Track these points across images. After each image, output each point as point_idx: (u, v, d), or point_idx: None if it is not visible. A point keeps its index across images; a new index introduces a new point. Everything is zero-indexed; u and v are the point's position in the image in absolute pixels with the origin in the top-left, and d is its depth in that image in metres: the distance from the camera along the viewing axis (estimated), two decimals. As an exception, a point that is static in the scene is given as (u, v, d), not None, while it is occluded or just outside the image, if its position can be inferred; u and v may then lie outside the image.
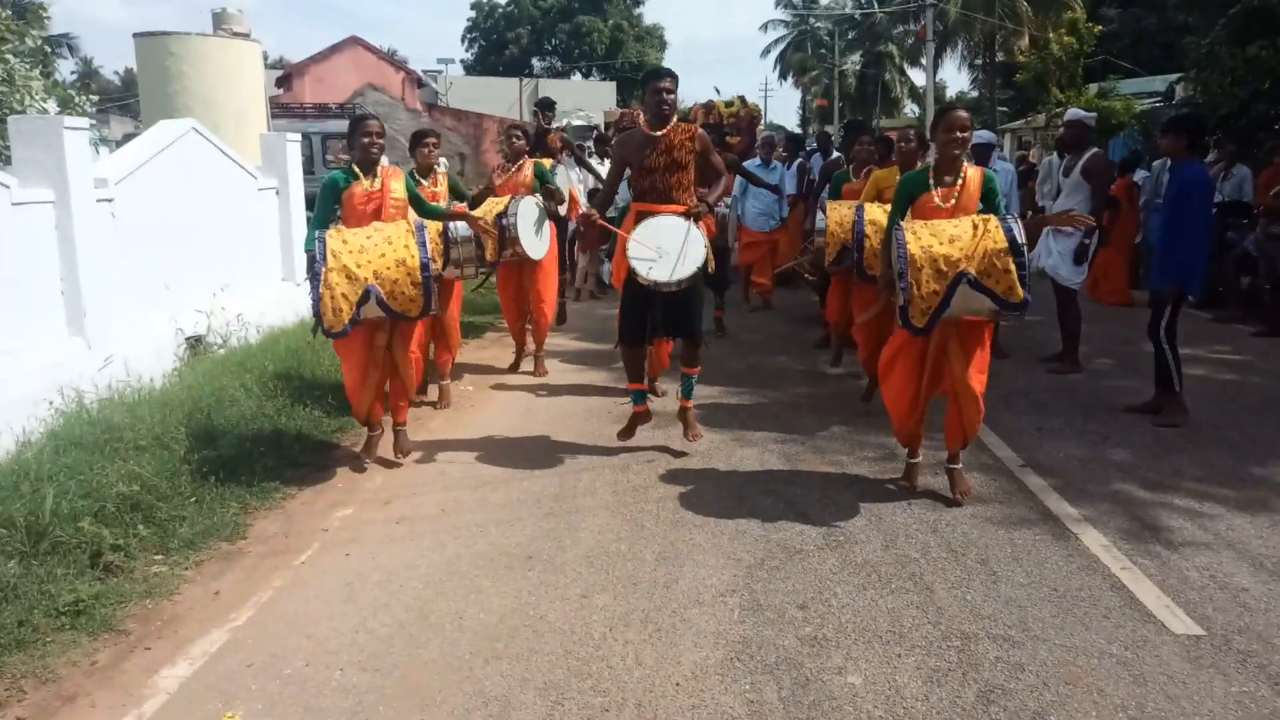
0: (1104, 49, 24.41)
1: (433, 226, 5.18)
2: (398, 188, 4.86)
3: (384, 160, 4.96)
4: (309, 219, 4.95)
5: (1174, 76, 17.95)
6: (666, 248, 4.52)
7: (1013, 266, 3.94)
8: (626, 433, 5.21)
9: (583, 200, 9.45)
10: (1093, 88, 21.20)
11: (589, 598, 3.51)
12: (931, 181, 4.31)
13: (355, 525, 4.24)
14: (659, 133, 4.74)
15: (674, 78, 4.84)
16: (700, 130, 4.91)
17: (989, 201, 4.31)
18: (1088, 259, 6.78)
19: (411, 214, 4.92)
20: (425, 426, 5.66)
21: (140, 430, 4.72)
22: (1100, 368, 7.13)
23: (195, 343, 6.78)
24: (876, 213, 5.47)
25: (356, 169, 4.77)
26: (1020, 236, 3.99)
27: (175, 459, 4.48)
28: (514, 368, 7.12)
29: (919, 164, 5.46)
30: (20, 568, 3.39)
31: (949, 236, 4.04)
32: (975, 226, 4.06)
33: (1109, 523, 4.19)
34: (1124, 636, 3.21)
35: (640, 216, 4.77)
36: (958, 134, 4.21)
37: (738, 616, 3.36)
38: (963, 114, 4.28)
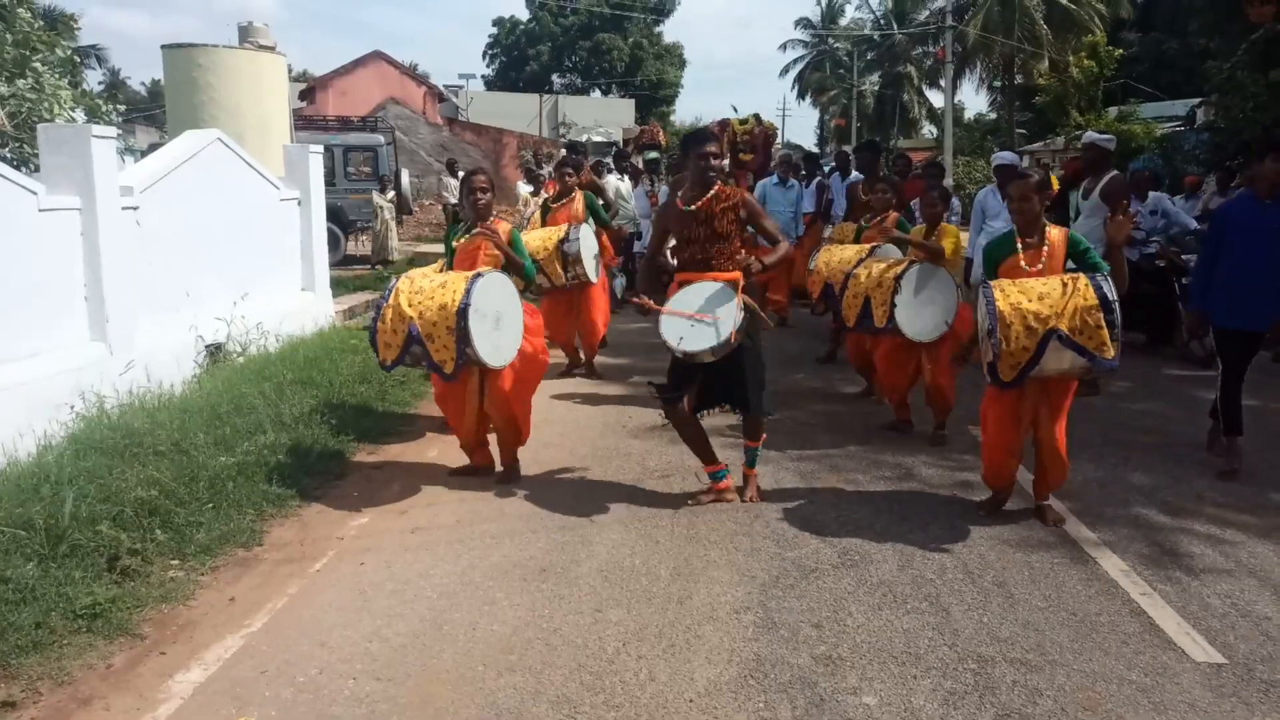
0: (1124, 72, 24.39)
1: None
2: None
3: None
4: (330, 230, 5.04)
5: (1195, 101, 17.90)
6: (701, 316, 4.30)
7: (1104, 323, 3.93)
8: (697, 498, 4.67)
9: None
10: (1112, 111, 21.17)
11: (602, 612, 3.50)
12: (1019, 246, 4.29)
13: (370, 534, 4.25)
14: (695, 205, 4.43)
15: (719, 140, 4.57)
16: (746, 196, 4.57)
17: (1082, 260, 4.25)
18: (1108, 282, 6.74)
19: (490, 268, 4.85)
20: (441, 437, 5.67)
21: (160, 436, 4.76)
22: (1118, 391, 7.08)
23: (215, 350, 6.83)
24: (859, 267, 5.66)
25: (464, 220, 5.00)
26: (1111, 294, 3.98)
27: (194, 465, 4.50)
28: (568, 371, 7.54)
29: (942, 220, 5.64)
30: (39, 570, 3.42)
31: (1038, 294, 4.04)
32: (1065, 285, 4.05)
33: (1128, 547, 4.15)
34: (1144, 663, 3.17)
35: (682, 286, 4.48)
36: (1016, 204, 4.25)
37: (752, 634, 3.34)
38: (1023, 182, 4.26)
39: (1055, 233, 4.30)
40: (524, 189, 13.99)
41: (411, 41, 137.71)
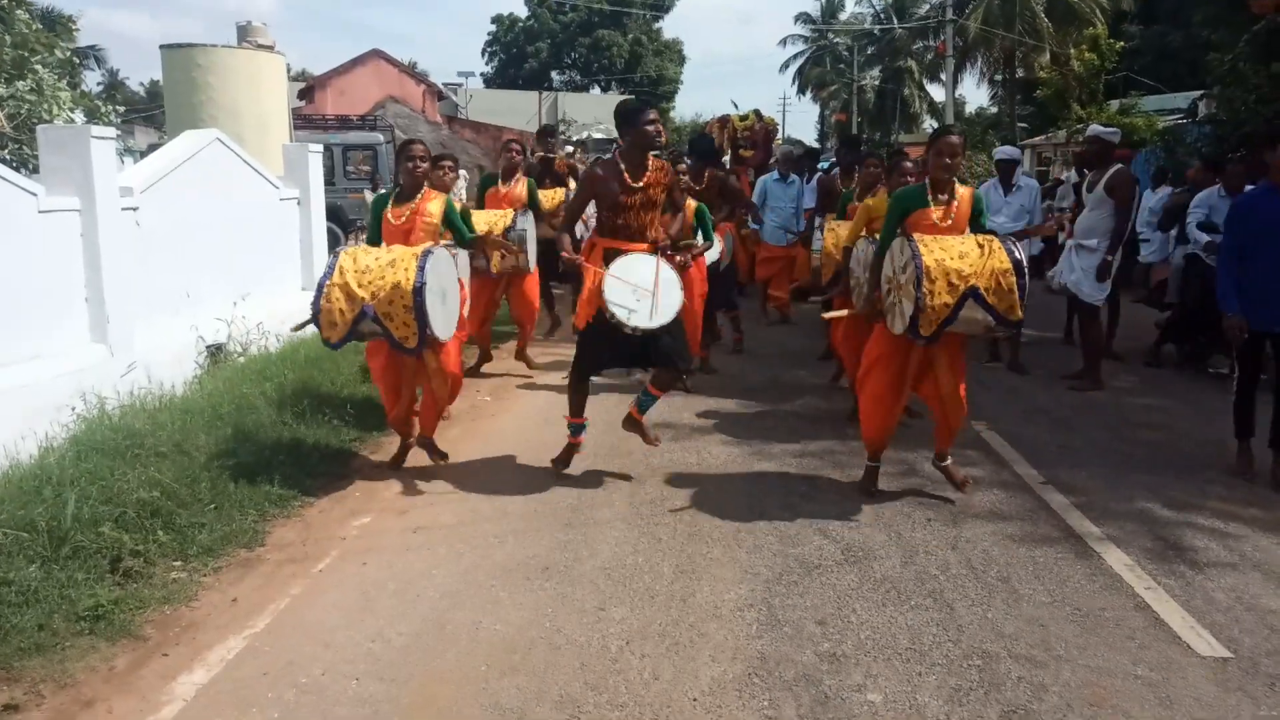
0: (1126, 65, 24.30)
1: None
2: (433, 210, 4.97)
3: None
4: (330, 229, 5.04)
5: (1197, 93, 17.83)
6: (643, 288, 4.42)
7: (1015, 286, 4.11)
8: (562, 462, 4.96)
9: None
10: (1114, 104, 21.09)
11: (606, 610, 3.49)
12: (930, 199, 4.43)
13: (373, 534, 4.24)
14: (644, 180, 4.55)
15: (659, 110, 4.66)
16: (669, 165, 4.75)
17: (977, 222, 4.47)
18: (1110, 276, 6.72)
19: (428, 239, 4.91)
20: (442, 436, 5.65)
21: (161, 437, 4.75)
22: (1123, 385, 7.06)
23: (216, 350, 6.82)
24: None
25: (397, 191, 5.02)
26: (1022, 257, 4.18)
27: (195, 466, 4.49)
28: (475, 369, 7.25)
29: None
30: (41, 572, 3.40)
31: (959, 253, 4.20)
32: (981, 246, 4.23)
33: (1132, 542, 4.13)
34: (1149, 658, 3.16)
35: (608, 254, 4.57)
36: (945, 160, 4.37)
37: (755, 631, 3.33)
38: (953, 139, 4.42)
39: (964, 191, 4.49)
40: None
41: (410, 40, 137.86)
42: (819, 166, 11.34)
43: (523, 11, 52.74)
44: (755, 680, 3.02)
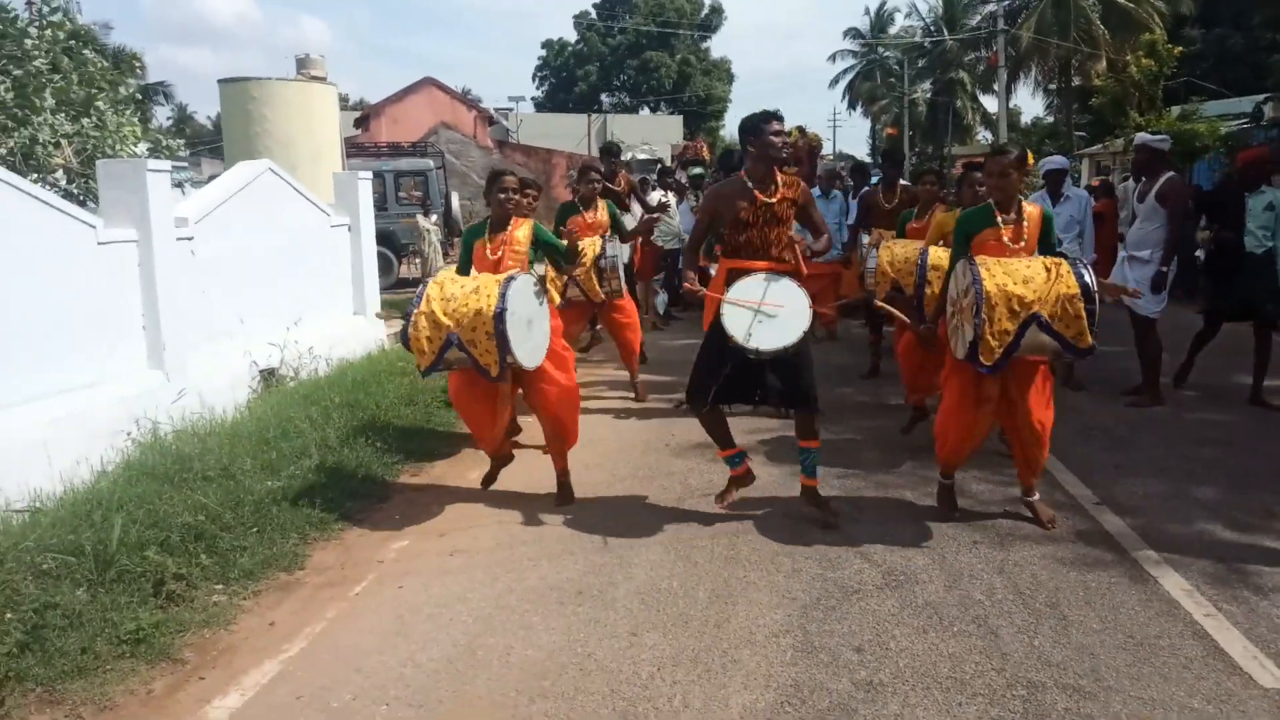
0: (1187, 70, 23.64)
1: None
2: (521, 237, 4.96)
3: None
4: (382, 254, 5.08)
5: (1261, 96, 17.25)
6: (768, 308, 4.13)
7: (1084, 313, 3.91)
8: (724, 496, 4.67)
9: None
10: (1174, 110, 20.51)
11: (638, 635, 3.45)
12: (999, 220, 4.27)
13: (410, 557, 4.27)
14: (776, 197, 4.26)
15: (781, 119, 4.32)
16: (802, 183, 4.44)
17: (1045, 242, 4.29)
18: (1166, 288, 6.49)
19: (517, 269, 4.85)
20: (484, 458, 5.68)
21: (209, 461, 4.85)
22: (1183, 400, 6.80)
23: (268, 375, 6.97)
24: (940, 256, 5.39)
25: (490, 222, 5.04)
26: (1092, 283, 3.97)
27: (240, 490, 4.57)
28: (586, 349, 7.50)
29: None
30: (87, 595, 3.49)
31: (1023, 277, 4.02)
32: (1048, 270, 4.03)
33: (1191, 565, 3.95)
34: (1206, 689, 3.01)
35: (732, 274, 4.32)
36: (994, 180, 4.27)
37: (790, 658, 3.26)
38: (1000, 159, 4.27)
39: (1032, 209, 4.31)
40: None
41: (462, 67, 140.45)
42: (871, 181, 11.21)
43: (572, 36, 53.52)
44: (788, 709, 2.95)
